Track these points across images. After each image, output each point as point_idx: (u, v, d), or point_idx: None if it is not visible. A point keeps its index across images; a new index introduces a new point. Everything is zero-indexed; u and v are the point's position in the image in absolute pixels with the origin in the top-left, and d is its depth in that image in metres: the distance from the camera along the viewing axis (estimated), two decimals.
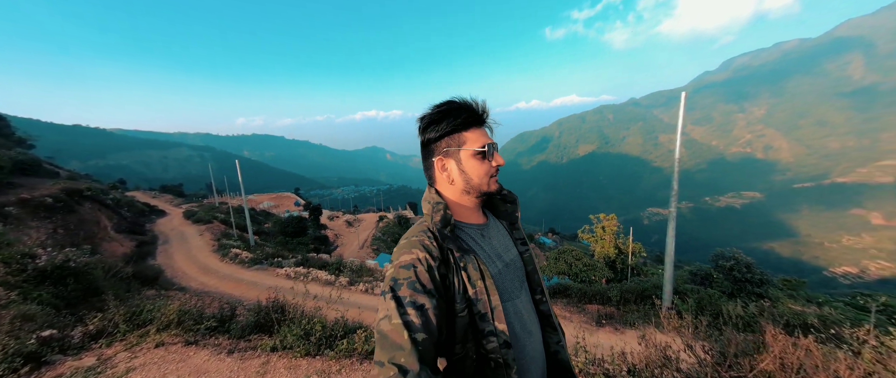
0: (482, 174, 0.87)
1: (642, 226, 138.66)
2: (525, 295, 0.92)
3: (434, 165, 0.90)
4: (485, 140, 0.87)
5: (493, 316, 0.77)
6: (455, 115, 0.85)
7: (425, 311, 0.67)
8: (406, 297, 0.68)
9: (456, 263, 0.78)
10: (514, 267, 0.91)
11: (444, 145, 0.87)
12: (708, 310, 7.70)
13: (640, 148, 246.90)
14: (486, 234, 0.91)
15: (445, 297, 0.75)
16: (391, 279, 0.72)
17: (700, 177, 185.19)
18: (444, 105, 0.86)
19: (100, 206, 19.51)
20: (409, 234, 0.82)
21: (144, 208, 26.32)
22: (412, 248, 0.76)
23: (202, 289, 11.29)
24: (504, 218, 1.01)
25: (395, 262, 0.76)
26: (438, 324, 0.69)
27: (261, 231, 24.62)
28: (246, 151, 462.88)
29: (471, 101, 0.87)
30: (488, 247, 0.88)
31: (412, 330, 0.64)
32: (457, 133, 0.87)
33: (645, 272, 17.41)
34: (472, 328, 0.77)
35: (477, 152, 0.86)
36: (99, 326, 2.71)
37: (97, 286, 5.26)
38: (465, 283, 0.77)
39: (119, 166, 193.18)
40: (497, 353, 0.75)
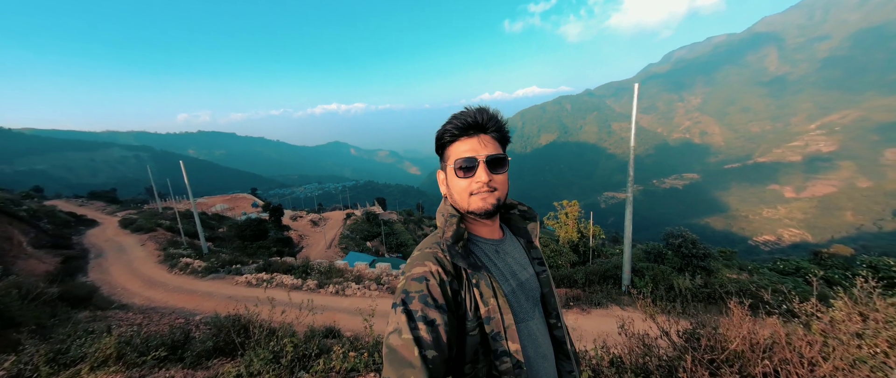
0: (460, 190, 0.82)
1: (600, 210, 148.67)
2: (539, 317, 0.88)
3: (438, 177, 0.90)
4: (468, 153, 0.81)
5: (505, 336, 0.74)
6: (445, 127, 0.83)
7: (436, 327, 0.65)
8: (417, 312, 0.66)
9: (468, 279, 0.76)
10: (529, 287, 0.87)
11: (442, 158, 0.87)
12: (662, 284, 8.40)
13: (596, 136, 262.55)
14: (501, 250, 0.87)
15: (457, 314, 0.73)
16: (403, 291, 0.70)
17: (648, 161, 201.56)
18: (451, 116, 0.83)
19: (10, 218, 16.79)
20: (423, 246, 0.80)
21: (69, 219, 23.09)
22: (425, 261, 0.74)
23: (148, 305, 10.20)
24: (522, 235, 0.97)
25: (408, 273, 0.73)
26: (449, 341, 0.66)
27: (215, 237, 22.73)
28: (191, 150, 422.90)
29: (470, 110, 0.82)
30: (503, 264, 0.85)
31: (423, 346, 0.62)
32: (447, 145, 0.84)
33: (605, 253, 18.63)
34: (483, 348, 0.74)
35: (456, 165, 0.81)
36: (13, 372, 2.25)
37: (10, 315, 4.46)
38: (478, 300, 0.75)
39: (33, 172, 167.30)
40: (510, 374, 0.73)
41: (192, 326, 3.14)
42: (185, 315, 8.84)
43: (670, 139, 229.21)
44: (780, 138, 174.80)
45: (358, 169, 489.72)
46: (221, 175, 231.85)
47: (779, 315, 1.83)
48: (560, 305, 0.95)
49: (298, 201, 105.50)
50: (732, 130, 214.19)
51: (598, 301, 8.47)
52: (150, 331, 3.90)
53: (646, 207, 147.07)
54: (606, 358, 2.00)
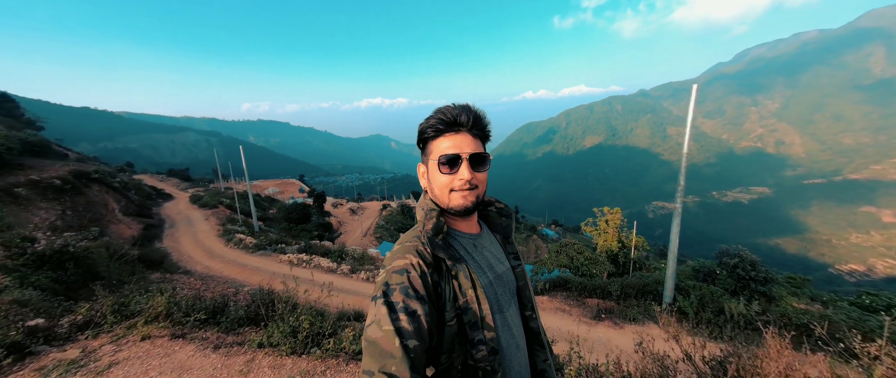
0: (441, 186, 0.83)
1: (647, 219, 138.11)
2: (515, 309, 0.91)
3: (419, 171, 0.91)
4: (451, 150, 0.81)
5: (482, 325, 0.77)
6: (428, 122, 0.83)
7: (417, 318, 0.66)
8: (398, 303, 0.66)
9: (447, 271, 0.78)
10: (506, 280, 0.90)
11: (423, 152, 0.87)
12: (710, 306, 7.62)
13: (649, 140, 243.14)
14: (478, 244, 0.90)
15: (436, 305, 0.75)
16: (383, 284, 0.70)
17: (708, 171, 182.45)
18: (434, 110, 0.84)
19: (107, 188, 19.74)
20: (404, 240, 0.82)
21: (152, 192, 26.62)
22: (406, 253, 0.75)
23: (207, 273, 11.46)
24: (498, 231, 1.00)
25: (389, 266, 0.74)
26: (430, 330, 0.68)
27: (265, 217, 24.83)
28: (252, 137, 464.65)
29: (455, 106, 0.82)
30: (480, 257, 0.88)
31: (404, 336, 0.63)
32: (430, 140, 0.84)
33: (647, 267, 17.30)
34: (459, 338, 0.76)
35: (439, 161, 0.81)
36: (87, 317, 2.69)
37: (97, 271, 5.30)
38: (456, 291, 0.77)
39: (127, 149, 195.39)
40: (485, 361, 0.75)
41: (230, 297, 3.49)
42: (235, 285, 9.81)
43: (737, 147, 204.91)
44: (882, 153, 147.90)
45: (397, 162, 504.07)
46: (275, 161, 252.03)
47: (832, 353, 1.58)
48: (534, 297, 0.99)
49: (340, 189, 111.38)
50: (817, 141, 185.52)
51: (634, 316, 7.93)
52: (199, 296, 4.42)
53: (701, 221, 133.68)
54: (617, 375, 1.87)
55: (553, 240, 39.35)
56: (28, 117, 32.41)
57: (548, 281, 10.04)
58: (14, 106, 32.45)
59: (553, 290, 9.90)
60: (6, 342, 2.19)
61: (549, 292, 9.75)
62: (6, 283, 3.55)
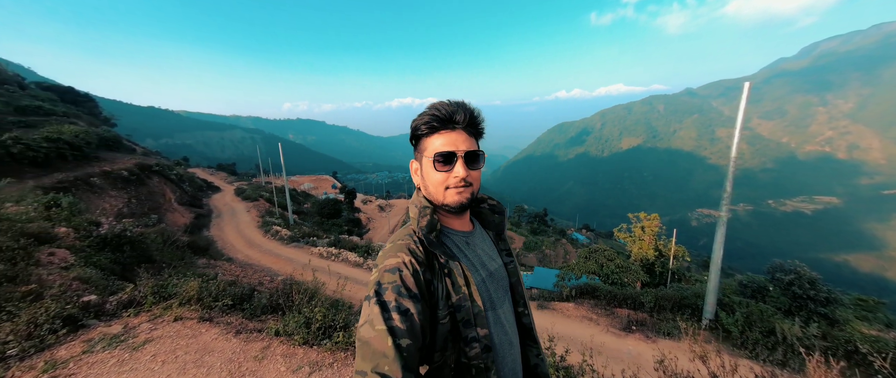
0: (436, 183, 0.82)
1: (689, 228, 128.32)
2: (508, 306, 0.91)
3: (411, 167, 0.90)
4: (447, 147, 0.80)
5: (475, 323, 0.77)
6: (422, 118, 0.82)
7: (410, 317, 0.66)
8: (391, 302, 0.66)
9: (440, 269, 0.78)
10: (498, 277, 0.90)
11: (417, 148, 0.86)
12: (758, 326, 6.91)
13: (694, 142, 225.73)
14: (470, 242, 0.90)
15: (429, 303, 0.74)
16: (375, 283, 0.71)
17: (764, 177, 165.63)
18: (428, 106, 0.83)
19: (166, 180, 21.85)
20: (395, 238, 0.82)
21: (202, 184, 29.10)
22: (398, 252, 0.75)
23: (246, 261, 12.29)
24: (491, 228, 1.00)
25: (381, 265, 0.74)
26: (423, 329, 0.68)
27: (300, 211, 26.17)
28: (291, 135, 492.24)
29: (449, 103, 0.81)
30: (473, 255, 0.87)
31: (397, 336, 0.63)
32: (424, 137, 0.83)
33: (687, 279, 16.05)
34: (453, 335, 0.76)
35: (434, 158, 0.80)
36: (131, 296, 2.97)
37: (150, 254, 5.87)
38: (449, 289, 0.77)
39: (184, 145, 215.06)
40: (479, 359, 0.75)
41: (257, 286, 3.69)
42: (270, 274, 10.44)
43: (800, 152, 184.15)
44: None
45: None
46: (311, 158, 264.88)
47: None
48: (526, 294, 0.99)
49: (370, 187, 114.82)
50: None
51: (669, 331, 7.39)
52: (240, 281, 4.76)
53: (754, 232, 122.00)
54: None
55: (583, 245, 37.80)
56: (105, 115, 36.76)
57: (574, 287, 9.63)
58: (94, 105, 36.92)
59: (580, 297, 9.49)
60: (63, 315, 2.49)
61: (576, 299, 9.36)
62: (72, 261, 4.03)
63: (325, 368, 2.11)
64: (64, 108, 26.27)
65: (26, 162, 13.36)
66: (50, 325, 2.37)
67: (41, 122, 18.51)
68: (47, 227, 4.80)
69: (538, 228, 44.59)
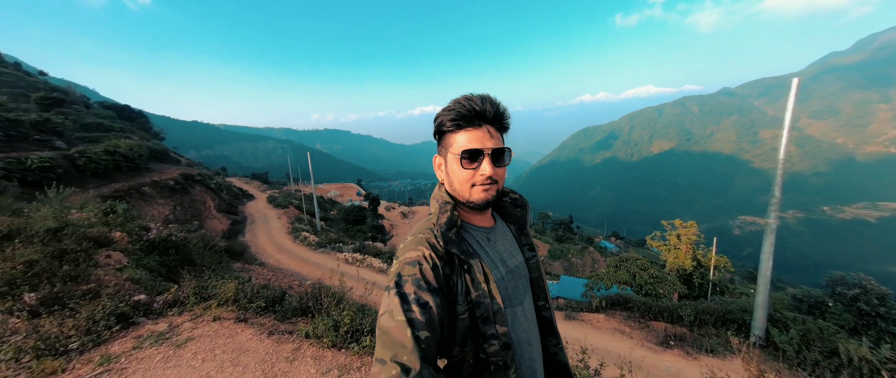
0: (462, 180, 0.81)
1: (731, 236, 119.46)
2: (528, 302, 0.91)
3: (434, 162, 0.89)
4: (474, 144, 0.78)
5: (494, 320, 0.77)
6: (447, 113, 0.80)
7: (429, 309, 0.67)
8: (410, 294, 0.67)
9: (460, 265, 0.78)
10: (519, 273, 0.90)
11: (441, 143, 0.85)
12: (817, 345, 6.24)
13: (734, 145, 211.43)
14: (491, 238, 0.89)
15: (448, 298, 0.75)
16: (396, 275, 0.71)
17: (817, 181, 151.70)
18: (453, 101, 0.81)
19: (206, 188, 23.39)
20: (416, 231, 0.82)
21: (238, 192, 30.87)
22: (419, 246, 0.76)
23: (277, 265, 12.80)
24: (513, 222, 0.99)
25: (401, 258, 0.75)
26: (441, 322, 0.68)
27: (327, 217, 27.03)
28: (318, 144, 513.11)
29: (475, 98, 0.79)
30: (493, 251, 0.87)
31: (415, 327, 0.64)
32: (449, 133, 0.82)
33: (731, 291, 14.89)
34: (472, 331, 0.77)
35: (461, 156, 0.79)
36: (175, 296, 3.18)
37: (191, 258, 6.28)
38: (469, 285, 0.77)
39: (222, 156, 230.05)
40: (498, 355, 0.76)
41: (287, 289, 3.82)
42: (299, 278, 10.80)
43: (859, 153, 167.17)
44: None
45: None
46: (337, 166, 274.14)
47: None
48: (548, 288, 0.99)
49: (393, 194, 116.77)
50: None
51: (712, 347, 6.85)
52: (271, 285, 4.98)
53: (806, 242, 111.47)
54: None
55: (612, 253, 36.13)
56: (155, 130, 40.23)
57: (605, 298, 9.18)
58: (146, 121, 40.51)
59: (611, 308, 9.03)
60: (117, 312, 2.70)
61: (607, 310, 8.91)
62: (126, 263, 4.38)
63: (353, 372, 2.13)
64: (121, 124, 28.98)
65: (89, 173, 14.79)
66: (105, 322, 2.58)
67: (102, 137, 20.50)
68: (105, 232, 5.27)
69: (564, 236, 43.24)
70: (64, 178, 12.84)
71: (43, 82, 31.48)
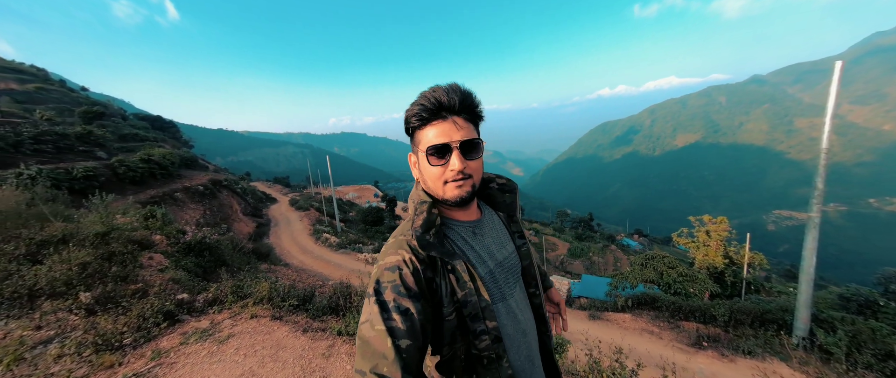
0: (433, 178, 0.77)
1: (765, 232, 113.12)
2: (520, 292, 0.88)
3: (409, 160, 0.86)
4: (440, 139, 0.73)
5: (483, 315, 0.75)
6: (412, 108, 0.76)
7: (410, 316, 0.64)
8: (390, 302, 0.65)
9: (443, 266, 0.75)
10: (508, 265, 0.86)
11: (412, 141, 0.81)
12: (869, 348, 5.81)
13: (766, 136, 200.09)
14: (478, 231, 0.85)
15: (432, 301, 0.72)
16: (375, 282, 0.69)
17: (861, 171, 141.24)
18: (419, 95, 0.77)
19: (233, 193, 24.43)
20: (397, 233, 0.78)
21: (262, 196, 32.03)
22: (399, 249, 0.73)
23: (301, 266, 13.19)
24: (502, 209, 0.95)
25: (381, 263, 0.73)
26: (423, 329, 0.66)
27: (346, 219, 27.60)
28: (336, 148, 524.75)
29: (438, 89, 0.74)
30: (480, 246, 0.83)
31: (396, 336, 0.62)
32: (416, 129, 0.78)
33: (767, 289, 14.10)
34: (460, 329, 0.75)
35: (427, 152, 0.74)
36: (214, 295, 3.34)
37: (224, 259, 6.58)
38: (454, 285, 0.74)
39: (246, 162, 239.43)
40: (489, 349, 0.74)
41: (317, 288, 3.93)
42: (322, 278, 11.09)
43: None
44: None
45: None
46: (355, 169, 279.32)
47: None
48: (539, 275, 0.97)
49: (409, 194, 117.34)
50: None
51: (750, 349, 6.51)
52: (296, 285, 5.16)
53: (849, 237, 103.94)
54: None
55: (636, 251, 34.97)
56: (185, 138, 42.38)
57: (630, 297, 8.91)
58: (176, 130, 42.73)
59: (638, 307, 8.75)
60: (164, 310, 2.87)
61: (633, 310, 8.64)
62: (166, 264, 4.64)
63: None
64: (154, 134, 30.70)
65: (127, 181, 15.75)
66: (154, 319, 2.75)
67: (138, 147, 21.80)
68: (147, 235, 5.61)
69: (584, 234, 42.27)
70: (105, 185, 13.76)
71: (85, 97, 33.84)
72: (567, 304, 10.81)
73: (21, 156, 13.74)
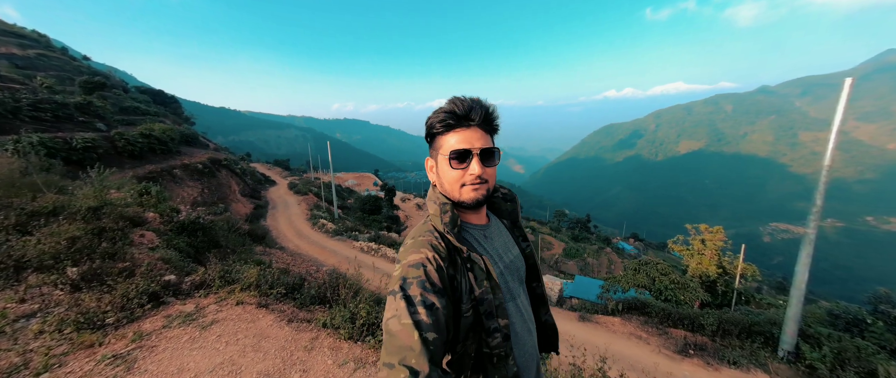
0: (452, 181, 0.83)
1: (760, 243, 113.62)
2: (524, 294, 0.95)
3: (426, 165, 0.92)
4: (462, 145, 0.81)
5: (497, 313, 0.80)
6: (437, 116, 0.83)
7: (436, 311, 0.67)
8: (416, 297, 0.68)
9: (463, 264, 0.80)
10: (515, 268, 0.94)
11: (432, 146, 0.88)
12: (853, 365, 5.87)
13: (769, 147, 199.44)
14: (488, 235, 0.92)
15: (452, 298, 0.76)
16: (400, 278, 0.72)
17: (861, 188, 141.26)
18: (444, 103, 0.84)
19: (232, 173, 24.34)
20: (415, 234, 0.83)
21: (262, 178, 31.94)
22: (421, 248, 0.76)
23: (296, 250, 13.20)
24: (506, 217, 1.03)
25: (404, 261, 0.76)
26: (447, 323, 0.70)
27: (344, 206, 27.59)
28: (338, 134, 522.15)
29: (465, 100, 0.82)
30: (491, 248, 0.90)
31: (423, 329, 0.64)
32: (439, 135, 0.84)
33: (757, 301, 14.19)
34: (475, 327, 0.79)
35: (450, 156, 0.81)
36: (202, 278, 3.32)
37: (217, 240, 6.56)
38: (472, 283, 0.79)
39: (247, 142, 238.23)
40: (500, 348, 0.78)
41: (307, 276, 3.91)
42: (317, 264, 11.10)
43: None
44: None
45: None
46: (355, 156, 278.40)
47: None
48: (541, 272, 1.06)
49: (409, 185, 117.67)
50: None
51: (735, 359, 6.57)
52: (290, 269, 5.16)
53: (846, 253, 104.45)
54: None
55: (631, 255, 35.10)
56: (186, 115, 42.02)
57: (621, 301, 8.95)
58: (178, 106, 42.34)
59: (628, 311, 8.81)
60: (149, 291, 2.84)
61: (623, 314, 8.70)
62: (158, 243, 4.61)
63: (368, 366, 2.15)
64: (155, 108, 30.42)
65: (126, 154, 15.65)
66: (138, 300, 2.73)
67: (138, 121, 21.60)
68: (140, 212, 5.57)
69: (580, 235, 42.37)
70: (104, 158, 13.66)
71: (86, 67, 33.40)
72: (558, 304, 10.89)
73: (19, 122, 13.61)
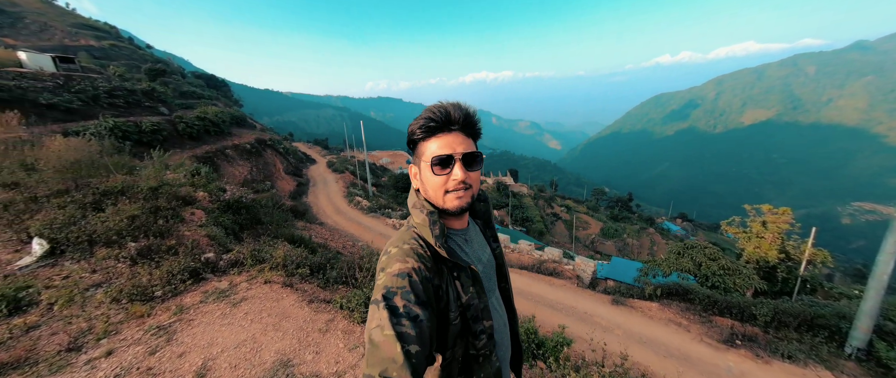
0: (436, 187, 0.82)
1: (837, 225, 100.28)
2: (496, 289, 0.98)
3: (410, 171, 0.91)
4: (444, 150, 0.79)
5: (482, 315, 0.82)
6: (417, 122, 0.82)
7: (419, 323, 0.67)
8: (400, 307, 0.67)
9: (449, 273, 0.80)
10: (490, 265, 0.96)
11: (414, 153, 0.86)
12: None
13: (862, 114, 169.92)
14: (468, 238, 0.92)
15: (437, 308, 0.76)
16: (384, 288, 0.71)
17: None
18: (424, 110, 0.83)
19: (276, 152, 25.99)
20: (399, 242, 0.82)
21: (303, 156, 33.78)
22: (406, 257, 0.76)
23: (335, 226, 13.99)
24: (479, 217, 1.03)
25: (388, 270, 0.74)
26: (430, 335, 0.69)
27: (378, 184, 28.48)
28: (372, 112, 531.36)
29: (444, 105, 0.81)
30: (471, 251, 0.91)
31: (406, 341, 0.63)
32: (420, 141, 0.83)
33: (826, 291, 12.65)
34: (463, 333, 0.80)
35: (432, 162, 0.79)
36: (236, 257, 3.60)
37: (259, 217, 7.09)
38: (459, 290, 0.80)
39: (289, 122, 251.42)
40: (485, 347, 0.81)
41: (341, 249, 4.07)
42: (353, 239, 11.70)
43: None
44: None
45: (496, 138, 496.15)
46: (389, 134, 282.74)
47: None
48: (508, 270, 1.07)
49: None
50: None
51: (791, 353, 5.97)
52: (328, 244, 5.48)
53: None
54: None
55: (677, 236, 32.72)
56: (235, 97, 45.08)
57: (660, 286, 8.40)
58: (228, 89, 45.43)
59: (668, 297, 8.27)
60: (190, 268, 3.14)
61: (662, 299, 8.19)
62: (205, 220, 5.07)
63: None
64: (209, 92, 32.89)
65: (186, 136, 17.25)
66: (181, 276, 3.04)
67: (195, 104, 23.54)
68: (191, 192, 6.13)
69: (620, 214, 40.17)
70: (168, 139, 15.20)
71: (150, 55, 36.65)
72: (590, 286, 10.52)
73: (99, 108, 15.43)
